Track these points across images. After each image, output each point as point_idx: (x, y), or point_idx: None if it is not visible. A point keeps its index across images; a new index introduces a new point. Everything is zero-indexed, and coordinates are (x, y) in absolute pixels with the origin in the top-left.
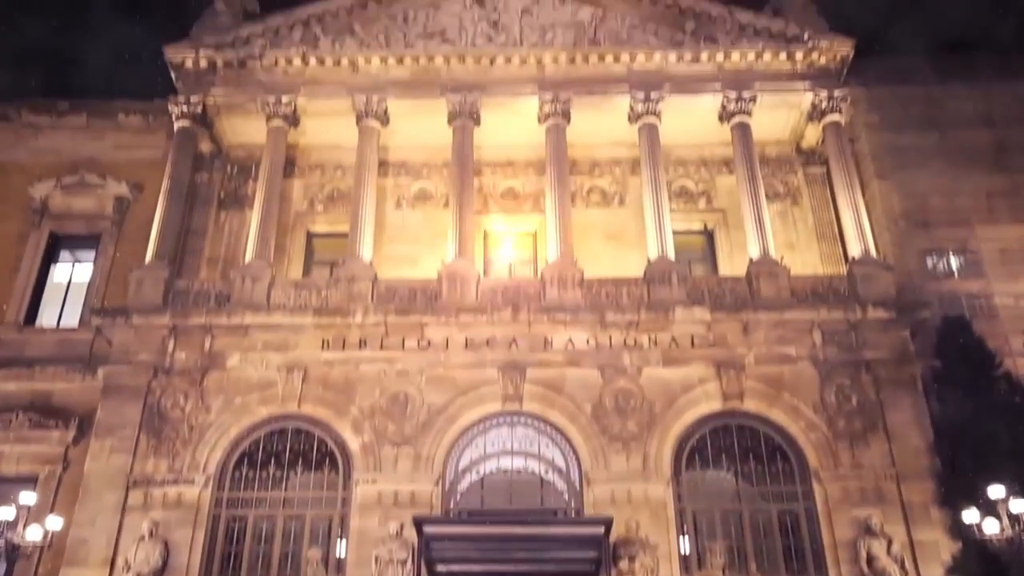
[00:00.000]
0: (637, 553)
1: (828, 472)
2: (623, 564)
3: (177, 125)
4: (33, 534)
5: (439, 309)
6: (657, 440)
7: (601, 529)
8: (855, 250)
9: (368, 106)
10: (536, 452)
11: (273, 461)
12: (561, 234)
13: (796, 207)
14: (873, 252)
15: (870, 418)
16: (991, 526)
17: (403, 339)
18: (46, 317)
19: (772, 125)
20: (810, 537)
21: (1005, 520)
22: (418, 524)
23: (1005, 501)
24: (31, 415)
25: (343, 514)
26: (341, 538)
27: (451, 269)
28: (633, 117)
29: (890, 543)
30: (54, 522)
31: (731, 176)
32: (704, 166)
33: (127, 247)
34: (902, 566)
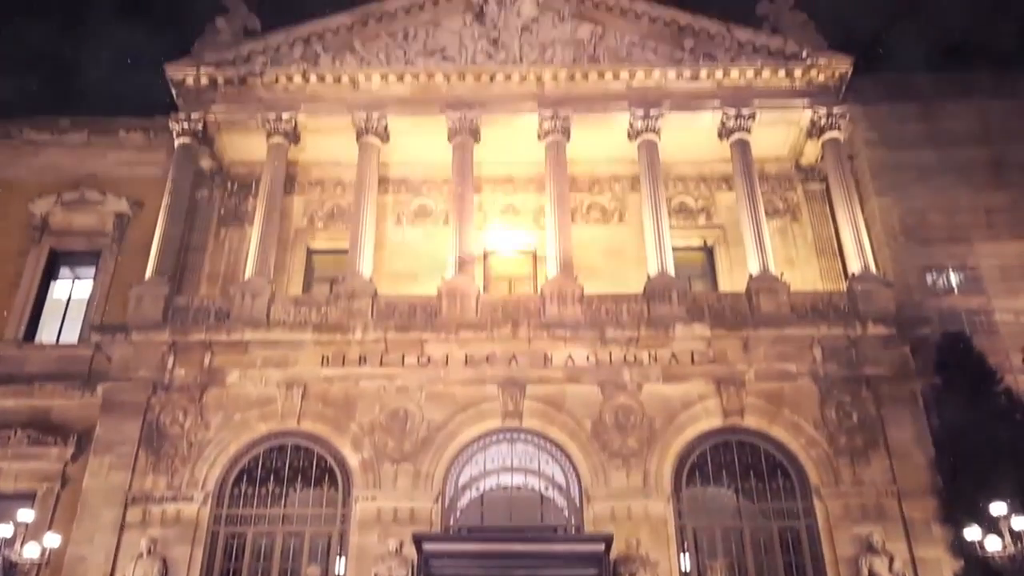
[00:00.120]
0: (637, 570)
1: (829, 489)
2: None
3: (178, 142)
4: (31, 551)
5: (439, 325)
6: (657, 457)
7: (601, 546)
8: (855, 266)
9: (368, 123)
10: (536, 469)
11: (272, 478)
12: (561, 250)
13: (796, 223)
14: (873, 268)
15: (871, 434)
16: (993, 543)
17: (403, 355)
18: (46, 333)
19: (771, 142)
20: (811, 554)
21: (1007, 537)
22: (418, 541)
23: (1007, 518)
24: (30, 432)
25: (342, 531)
26: (340, 555)
27: (451, 285)
28: (633, 134)
29: (892, 560)
30: (52, 539)
31: (731, 192)
32: (704, 183)
33: (127, 263)
34: None
